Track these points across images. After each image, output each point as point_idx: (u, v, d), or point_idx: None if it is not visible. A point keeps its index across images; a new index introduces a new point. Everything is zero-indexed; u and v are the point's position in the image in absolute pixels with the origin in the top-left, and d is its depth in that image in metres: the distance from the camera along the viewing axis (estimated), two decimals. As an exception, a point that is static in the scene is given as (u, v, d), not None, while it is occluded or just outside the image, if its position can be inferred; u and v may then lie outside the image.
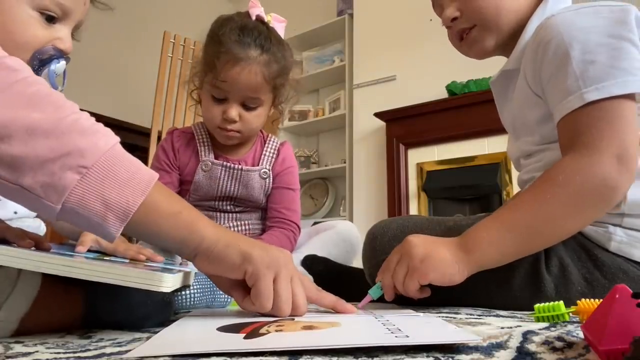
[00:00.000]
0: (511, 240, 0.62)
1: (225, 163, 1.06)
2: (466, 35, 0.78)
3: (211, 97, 1.00)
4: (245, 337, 0.40)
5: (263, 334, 0.41)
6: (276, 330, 0.43)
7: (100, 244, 0.68)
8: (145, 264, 0.66)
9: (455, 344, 0.38)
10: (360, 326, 0.49)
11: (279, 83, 1.02)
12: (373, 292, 0.67)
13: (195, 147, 1.07)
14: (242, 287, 0.54)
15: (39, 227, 0.93)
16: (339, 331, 0.44)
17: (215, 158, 1.08)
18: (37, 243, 0.58)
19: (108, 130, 0.48)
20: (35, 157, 0.42)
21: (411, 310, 0.63)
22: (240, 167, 1.06)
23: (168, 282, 0.48)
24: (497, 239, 0.62)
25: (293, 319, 0.51)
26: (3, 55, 0.46)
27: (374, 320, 0.50)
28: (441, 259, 0.62)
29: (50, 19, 0.60)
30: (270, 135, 1.16)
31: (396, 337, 0.38)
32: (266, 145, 1.12)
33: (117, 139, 0.48)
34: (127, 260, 0.67)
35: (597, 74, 0.62)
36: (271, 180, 1.10)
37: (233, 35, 0.96)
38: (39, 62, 0.60)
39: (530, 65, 0.71)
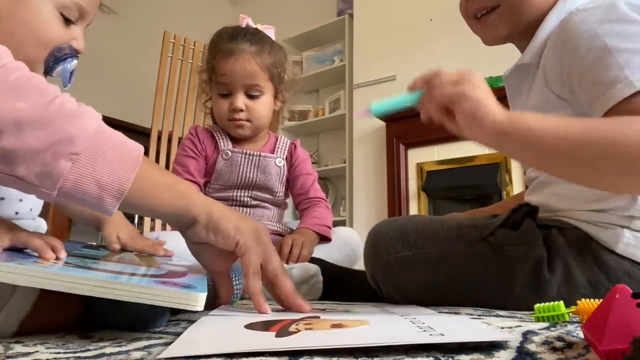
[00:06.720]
0: (549, 140, 0.55)
1: (244, 150, 1.15)
2: (483, 16, 0.76)
3: (218, 96, 1.13)
4: (276, 336, 0.40)
5: (293, 332, 0.41)
6: (305, 329, 0.43)
7: (120, 239, 0.74)
8: (161, 262, 0.68)
9: (489, 342, 0.37)
10: (390, 324, 0.48)
11: (274, 72, 1.14)
12: (399, 99, 0.61)
13: (215, 141, 1.17)
14: (223, 259, 0.58)
15: (39, 227, 0.93)
16: (369, 329, 0.43)
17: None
18: (54, 250, 0.57)
19: (90, 110, 0.48)
20: (27, 149, 0.43)
21: (429, 310, 0.62)
22: (258, 153, 1.16)
23: (202, 301, 0.47)
24: (539, 128, 0.55)
25: (318, 317, 0.51)
26: None
27: (401, 319, 0.49)
28: (487, 98, 0.56)
29: (68, 21, 0.63)
30: (280, 135, 1.28)
31: (430, 335, 0.38)
32: (278, 141, 1.23)
33: (99, 116, 0.48)
34: (136, 256, 0.70)
35: None
36: (286, 170, 1.20)
37: (225, 37, 1.12)
38: (54, 60, 0.62)
39: (554, 64, 0.68)
